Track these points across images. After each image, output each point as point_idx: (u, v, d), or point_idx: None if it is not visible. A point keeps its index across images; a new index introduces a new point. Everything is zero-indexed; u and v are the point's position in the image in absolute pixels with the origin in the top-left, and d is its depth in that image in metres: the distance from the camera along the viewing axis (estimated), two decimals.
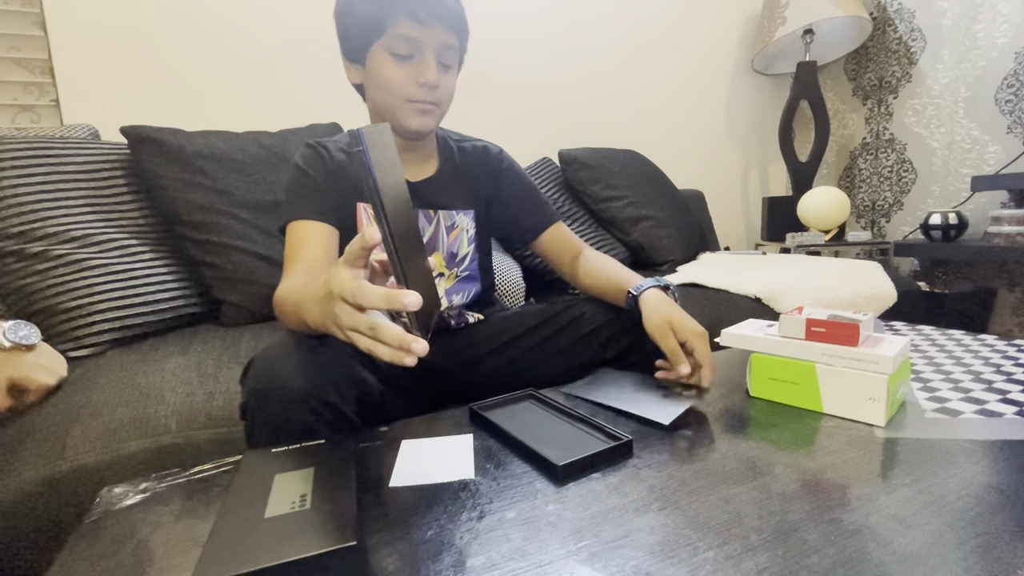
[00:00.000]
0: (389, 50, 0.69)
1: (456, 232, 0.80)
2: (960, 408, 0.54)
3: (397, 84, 0.70)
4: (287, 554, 0.30)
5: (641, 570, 0.31)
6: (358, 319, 0.39)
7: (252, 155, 1.13)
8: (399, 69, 0.70)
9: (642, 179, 1.70)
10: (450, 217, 0.80)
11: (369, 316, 0.39)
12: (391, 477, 0.44)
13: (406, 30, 0.67)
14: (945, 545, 0.32)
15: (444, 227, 0.79)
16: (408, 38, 0.68)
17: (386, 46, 0.69)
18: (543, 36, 1.79)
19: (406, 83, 0.70)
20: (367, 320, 0.39)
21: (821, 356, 0.54)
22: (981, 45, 1.72)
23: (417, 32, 0.68)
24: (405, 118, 0.72)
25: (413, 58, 0.70)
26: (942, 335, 0.83)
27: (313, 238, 0.69)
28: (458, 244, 0.81)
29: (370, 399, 0.58)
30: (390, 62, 0.69)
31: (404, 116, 0.72)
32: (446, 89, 0.74)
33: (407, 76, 0.70)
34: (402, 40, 0.68)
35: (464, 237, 0.81)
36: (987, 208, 1.73)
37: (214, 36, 1.35)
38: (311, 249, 0.68)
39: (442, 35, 0.69)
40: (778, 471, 0.42)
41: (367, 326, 0.39)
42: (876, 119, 2.06)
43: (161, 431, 0.67)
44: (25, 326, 0.71)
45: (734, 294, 1.22)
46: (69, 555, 0.36)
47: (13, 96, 1.18)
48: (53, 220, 0.92)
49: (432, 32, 0.68)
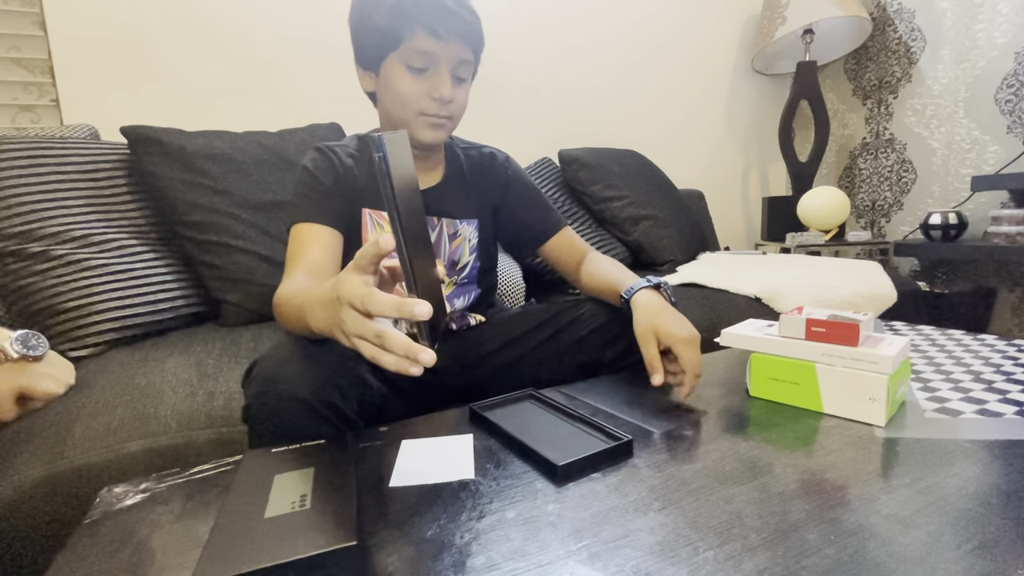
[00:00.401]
0: (404, 63, 0.69)
1: (458, 241, 0.80)
2: (960, 408, 0.54)
3: (411, 97, 0.70)
4: (287, 554, 0.30)
5: (641, 570, 0.31)
6: (365, 326, 0.39)
7: (252, 155, 1.13)
8: (414, 82, 0.69)
9: (642, 179, 1.70)
10: (453, 225, 0.80)
11: (376, 324, 0.39)
12: (391, 477, 0.44)
13: (423, 44, 0.67)
14: (945, 545, 0.32)
15: (447, 235, 0.79)
16: (424, 52, 0.68)
17: (402, 59, 0.68)
18: (543, 36, 1.79)
19: (420, 97, 0.70)
20: (374, 327, 0.39)
21: (821, 356, 0.54)
22: (981, 45, 1.72)
23: (434, 47, 0.67)
24: (417, 131, 0.72)
25: (428, 71, 0.69)
26: (942, 335, 0.83)
27: (317, 241, 0.69)
28: (459, 253, 0.80)
29: (372, 400, 0.58)
30: (405, 75, 0.69)
31: (416, 129, 0.72)
32: (459, 103, 0.73)
33: (421, 90, 0.69)
34: (418, 54, 0.68)
35: (466, 246, 0.81)
36: (987, 208, 1.72)
37: (214, 36, 1.35)
38: (314, 252, 0.68)
39: (459, 50, 0.69)
40: (778, 471, 0.42)
41: (373, 334, 0.39)
42: (876, 119, 2.07)
43: (161, 431, 0.67)
44: (33, 336, 0.71)
45: (734, 294, 1.22)
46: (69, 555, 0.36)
47: (13, 96, 1.18)
48: (53, 220, 0.92)
49: (449, 47, 0.68)
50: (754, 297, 1.20)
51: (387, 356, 0.38)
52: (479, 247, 0.83)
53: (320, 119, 1.35)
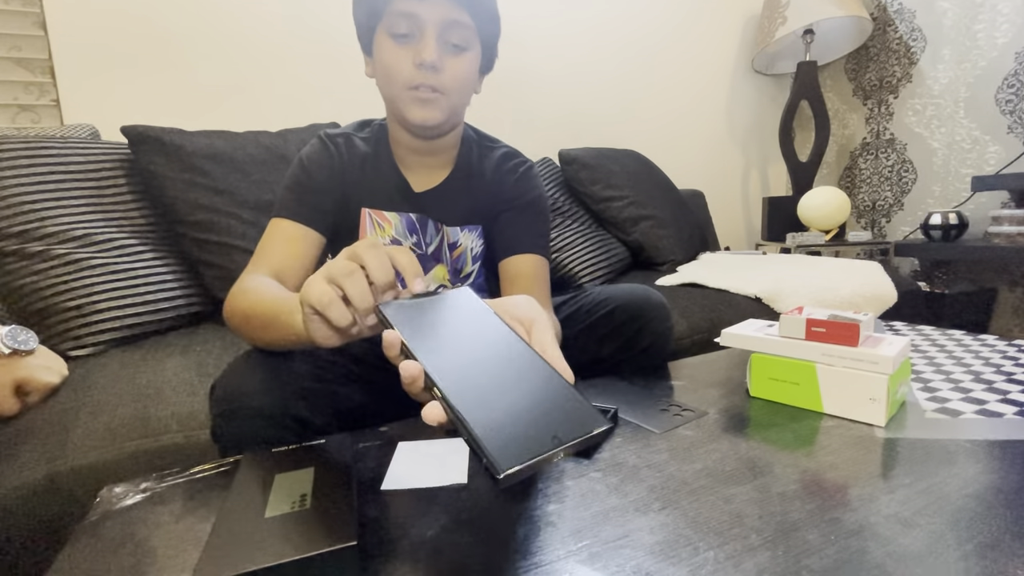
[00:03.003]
0: (388, 30, 0.64)
1: (459, 251, 0.76)
2: (960, 408, 0.54)
3: (396, 68, 0.64)
4: (287, 554, 0.30)
5: (641, 570, 0.31)
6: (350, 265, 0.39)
7: (252, 155, 1.13)
8: (398, 51, 0.63)
9: (642, 179, 1.70)
10: (454, 234, 0.75)
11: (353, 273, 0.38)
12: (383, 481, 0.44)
13: (403, 5, 0.62)
14: (945, 545, 0.32)
15: (448, 243, 0.75)
16: (406, 14, 0.62)
17: (386, 26, 0.64)
18: (543, 35, 1.79)
19: (404, 66, 0.64)
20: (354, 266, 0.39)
21: (821, 356, 0.54)
22: (981, 45, 1.72)
23: (414, 6, 0.61)
24: (406, 108, 0.66)
25: (414, 37, 0.63)
26: (942, 335, 0.83)
27: (292, 240, 0.66)
28: (462, 262, 0.77)
29: (347, 407, 0.57)
30: (389, 43, 0.64)
31: (404, 106, 0.66)
32: (454, 74, 0.65)
33: (406, 58, 0.63)
34: (400, 17, 0.62)
35: (468, 256, 0.77)
36: (987, 208, 1.72)
37: (214, 36, 1.35)
38: (286, 251, 0.65)
39: (445, 9, 0.62)
40: (778, 471, 0.42)
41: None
42: (876, 119, 2.06)
43: (161, 431, 0.67)
44: (23, 331, 0.71)
45: (734, 294, 1.22)
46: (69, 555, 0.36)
47: (13, 96, 1.18)
48: (53, 220, 0.92)
49: (434, 5, 0.62)
50: (754, 297, 1.20)
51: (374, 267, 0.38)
52: (484, 255, 0.78)
53: (320, 119, 1.35)
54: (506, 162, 0.78)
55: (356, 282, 0.38)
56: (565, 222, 1.58)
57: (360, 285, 0.38)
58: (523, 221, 0.76)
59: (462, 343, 0.36)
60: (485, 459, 0.27)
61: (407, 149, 0.74)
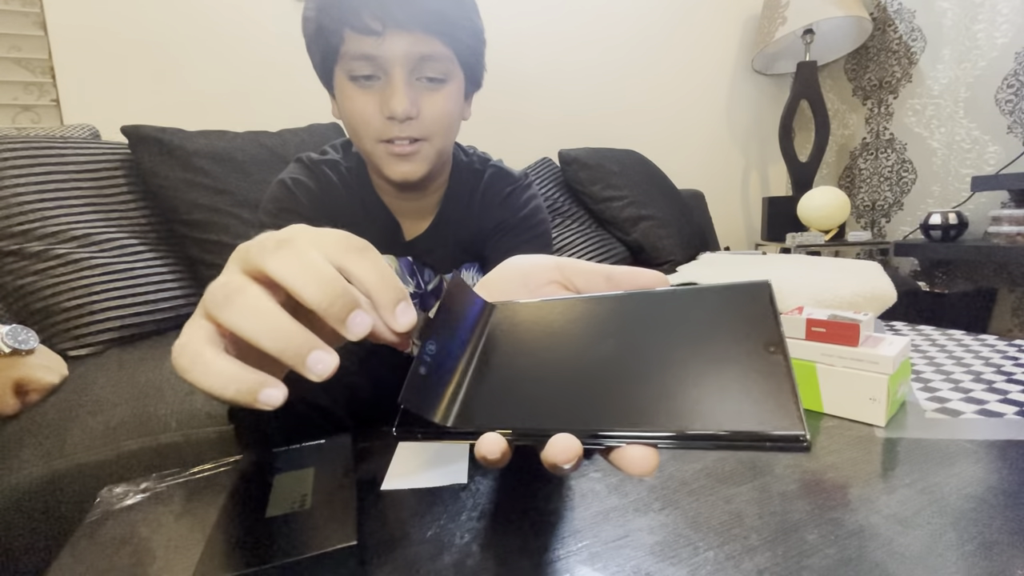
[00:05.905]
0: (348, 73, 0.54)
1: None
2: (960, 408, 0.54)
3: (363, 118, 0.54)
4: (287, 554, 0.30)
5: (641, 570, 0.31)
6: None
7: (252, 155, 1.13)
8: (363, 97, 0.54)
9: (642, 179, 1.70)
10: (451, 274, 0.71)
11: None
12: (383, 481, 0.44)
13: (358, 46, 0.51)
14: (945, 545, 0.32)
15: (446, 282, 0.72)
16: (364, 56, 0.52)
17: (345, 69, 0.54)
18: (543, 35, 1.79)
19: (373, 116, 0.54)
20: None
21: (821, 356, 0.54)
22: (981, 45, 1.72)
23: (372, 47, 0.51)
24: (382, 164, 0.56)
25: (379, 79, 0.53)
26: (942, 335, 0.83)
27: None
28: None
29: (361, 398, 0.57)
30: (351, 89, 0.54)
31: (380, 162, 0.57)
32: (435, 116, 0.55)
33: (373, 106, 0.54)
34: (359, 59, 0.52)
35: None
36: (987, 208, 1.72)
37: (214, 36, 1.35)
38: None
39: (411, 43, 0.51)
40: (778, 471, 0.42)
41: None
42: (876, 119, 2.06)
43: (161, 430, 0.67)
44: (23, 331, 0.71)
45: None
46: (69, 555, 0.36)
47: (13, 96, 1.18)
48: (53, 220, 0.92)
49: (393, 42, 0.51)
50: None
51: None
52: None
53: (320, 119, 1.35)
54: (492, 186, 0.69)
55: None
56: (565, 222, 1.58)
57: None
58: (511, 242, 0.68)
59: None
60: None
61: (391, 196, 0.66)
